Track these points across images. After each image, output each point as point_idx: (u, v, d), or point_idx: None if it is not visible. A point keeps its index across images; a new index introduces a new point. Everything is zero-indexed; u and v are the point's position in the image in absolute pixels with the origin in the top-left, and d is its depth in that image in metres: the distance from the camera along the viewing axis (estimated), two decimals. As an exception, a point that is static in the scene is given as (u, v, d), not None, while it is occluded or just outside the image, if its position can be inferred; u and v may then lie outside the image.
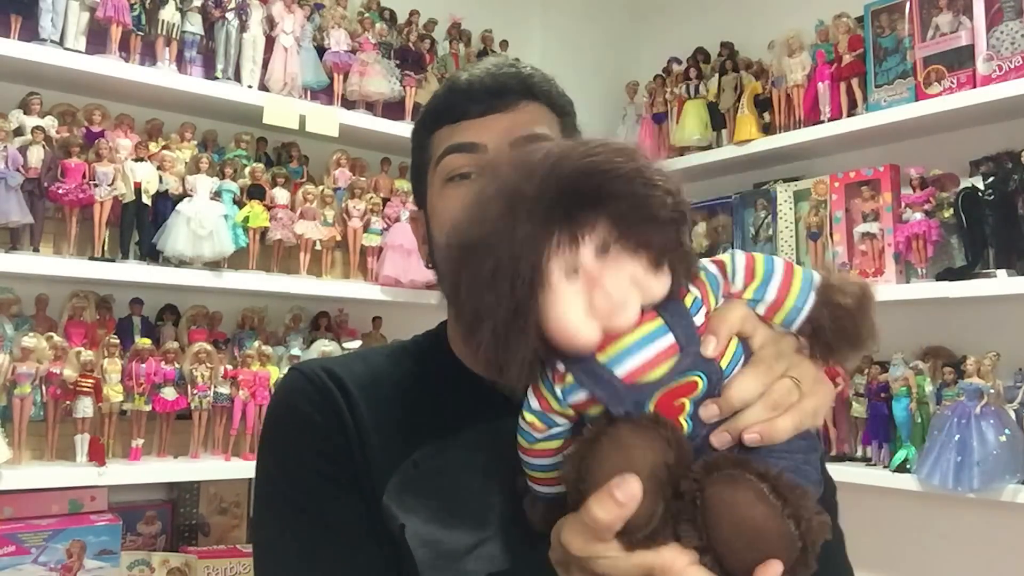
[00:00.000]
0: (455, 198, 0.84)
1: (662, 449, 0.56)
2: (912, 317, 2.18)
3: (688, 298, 0.61)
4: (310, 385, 0.86)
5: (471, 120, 0.85)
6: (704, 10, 2.87)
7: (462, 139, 0.84)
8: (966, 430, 1.84)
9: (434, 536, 0.77)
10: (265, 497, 0.86)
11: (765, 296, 0.62)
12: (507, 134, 0.83)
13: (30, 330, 1.81)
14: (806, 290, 0.63)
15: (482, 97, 0.84)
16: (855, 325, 0.63)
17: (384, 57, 2.34)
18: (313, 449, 0.83)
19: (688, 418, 0.59)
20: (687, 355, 0.58)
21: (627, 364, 0.58)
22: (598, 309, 0.57)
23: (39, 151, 1.80)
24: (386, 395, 0.86)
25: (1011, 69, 1.92)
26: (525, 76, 0.86)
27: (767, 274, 0.63)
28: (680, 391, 0.59)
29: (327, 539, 0.80)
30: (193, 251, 1.92)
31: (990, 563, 2.04)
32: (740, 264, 0.63)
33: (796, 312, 0.63)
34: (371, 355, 0.94)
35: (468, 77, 0.86)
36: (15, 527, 1.72)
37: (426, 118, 0.90)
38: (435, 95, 0.90)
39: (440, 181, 0.86)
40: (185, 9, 2.03)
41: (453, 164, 0.84)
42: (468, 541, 0.77)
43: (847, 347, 0.64)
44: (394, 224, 2.29)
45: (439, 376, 0.89)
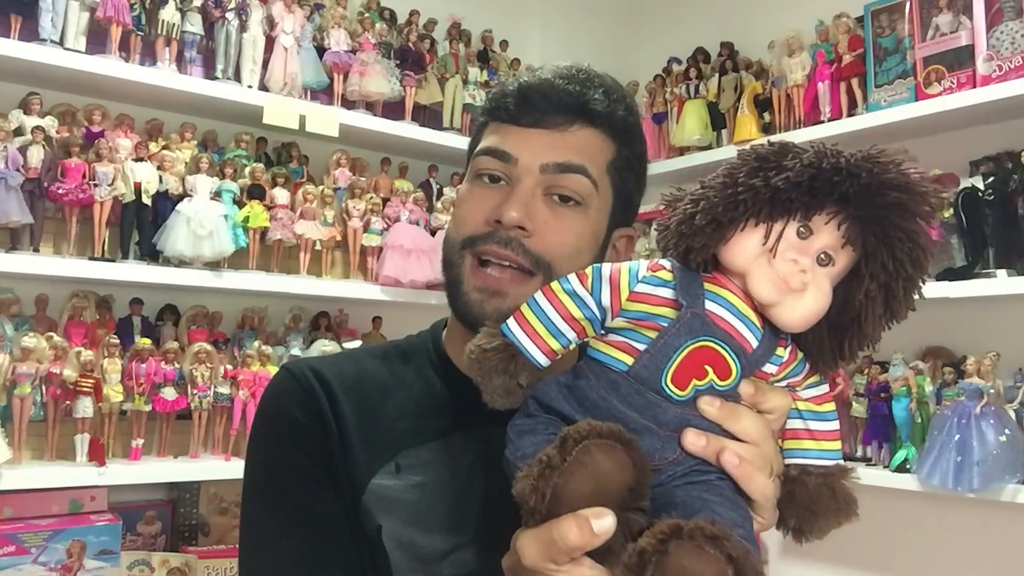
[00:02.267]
0: (475, 198, 0.84)
1: (629, 472, 0.57)
2: (912, 317, 2.18)
3: (780, 349, 0.63)
4: (296, 385, 0.86)
5: (515, 127, 0.84)
6: (704, 10, 2.87)
7: (498, 144, 0.84)
8: (966, 430, 1.84)
9: (410, 539, 0.78)
10: (250, 492, 0.88)
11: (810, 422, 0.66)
12: (542, 155, 0.82)
13: (30, 330, 1.81)
14: (834, 454, 0.67)
15: (534, 106, 0.83)
16: (822, 513, 0.66)
17: (384, 57, 2.34)
18: (297, 449, 0.84)
19: (695, 389, 0.61)
20: (750, 357, 0.61)
21: (718, 310, 0.61)
22: (772, 264, 0.60)
23: (39, 151, 1.80)
24: (371, 396, 0.86)
25: (1011, 69, 1.92)
26: (588, 98, 0.84)
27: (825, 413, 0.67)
28: (718, 362, 0.61)
29: (305, 536, 0.81)
30: (193, 251, 1.92)
31: (990, 563, 2.04)
32: (824, 387, 0.67)
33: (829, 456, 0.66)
34: (362, 355, 0.94)
35: (529, 81, 0.85)
36: (15, 527, 1.72)
37: (487, 105, 0.90)
38: (497, 88, 0.90)
39: (473, 172, 0.86)
40: (185, 9, 2.03)
41: (483, 163, 0.84)
42: (444, 546, 0.78)
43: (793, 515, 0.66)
44: (394, 224, 2.28)
45: (428, 378, 0.89)
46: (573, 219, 0.83)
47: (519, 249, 0.80)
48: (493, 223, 0.81)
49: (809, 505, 0.65)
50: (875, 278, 0.60)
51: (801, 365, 0.65)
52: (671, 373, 0.60)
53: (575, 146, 0.83)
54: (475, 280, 0.82)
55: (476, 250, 0.82)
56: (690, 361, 0.60)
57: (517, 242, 0.80)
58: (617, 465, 0.56)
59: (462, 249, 0.83)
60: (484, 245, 0.81)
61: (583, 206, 0.83)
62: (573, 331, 0.65)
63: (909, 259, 0.59)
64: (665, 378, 0.60)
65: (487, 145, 0.85)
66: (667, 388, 0.60)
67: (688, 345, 0.60)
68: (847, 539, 0.91)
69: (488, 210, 0.82)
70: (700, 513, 0.57)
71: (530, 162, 0.82)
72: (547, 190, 0.82)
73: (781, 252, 0.60)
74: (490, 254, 0.81)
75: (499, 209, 0.80)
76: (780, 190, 0.59)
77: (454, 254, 0.84)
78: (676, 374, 0.60)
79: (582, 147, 0.83)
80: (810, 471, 0.65)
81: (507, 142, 0.83)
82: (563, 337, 0.65)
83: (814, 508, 0.65)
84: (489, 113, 0.88)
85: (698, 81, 2.62)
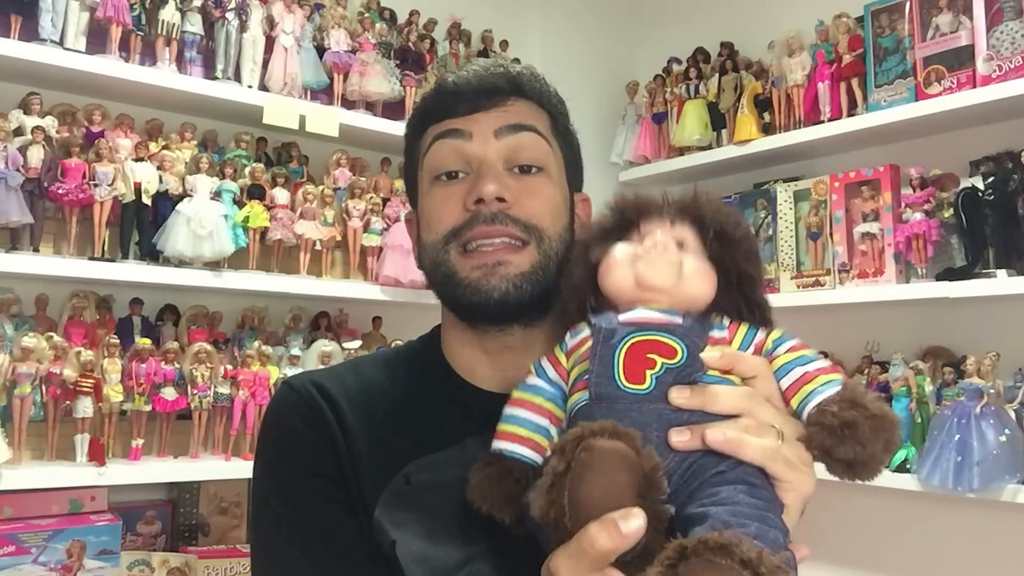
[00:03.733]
0: (442, 197, 0.84)
1: (636, 461, 0.57)
2: (912, 317, 2.19)
3: (716, 319, 0.68)
4: (300, 401, 0.85)
5: (458, 118, 0.84)
6: (704, 10, 2.87)
7: (447, 127, 0.84)
8: (966, 430, 1.84)
9: (425, 553, 0.77)
10: (260, 512, 0.87)
11: (792, 369, 0.66)
12: (493, 125, 0.83)
13: (30, 330, 1.81)
14: (836, 382, 0.65)
15: (469, 96, 0.84)
16: (861, 440, 0.61)
17: (384, 57, 2.34)
18: (304, 466, 0.83)
19: (654, 377, 0.62)
20: (679, 329, 0.64)
21: (631, 316, 0.65)
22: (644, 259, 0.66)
23: (39, 151, 1.80)
24: (377, 407, 0.85)
25: (1011, 69, 1.92)
26: (514, 75, 0.86)
27: (807, 356, 0.67)
28: (658, 348, 0.63)
29: (319, 555, 0.80)
30: (193, 251, 1.92)
31: (990, 563, 2.04)
32: (789, 338, 0.68)
33: (816, 394, 0.64)
34: (363, 365, 0.93)
35: (455, 78, 0.86)
36: (15, 527, 1.72)
37: (414, 119, 0.90)
38: (423, 97, 0.90)
39: (428, 179, 0.86)
40: (185, 9, 2.03)
41: (438, 156, 0.84)
42: (458, 557, 0.77)
43: (843, 461, 0.62)
44: (394, 224, 2.28)
45: (430, 384, 0.88)
46: (541, 184, 0.84)
47: (507, 220, 0.81)
48: (472, 206, 0.81)
49: (844, 429, 0.61)
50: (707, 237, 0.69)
51: (754, 329, 0.68)
52: (621, 373, 0.62)
53: (520, 114, 0.85)
54: (471, 262, 0.81)
55: (462, 239, 0.82)
56: (632, 357, 0.63)
57: (503, 215, 0.81)
58: (620, 455, 0.56)
59: (446, 244, 0.83)
60: (470, 230, 0.81)
61: (544, 171, 0.84)
62: (545, 419, 0.70)
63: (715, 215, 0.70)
64: (619, 379, 0.62)
65: (439, 131, 0.85)
66: (626, 387, 0.62)
67: (621, 346, 0.63)
68: (847, 539, 0.91)
69: (459, 200, 0.82)
70: (708, 522, 0.56)
71: (484, 131, 0.83)
72: (508, 164, 0.83)
73: (638, 252, 0.67)
74: (479, 236, 0.81)
75: (474, 190, 0.81)
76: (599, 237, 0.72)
77: (438, 253, 0.84)
78: (627, 372, 0.62)
79: (525, 114, 0.86)
80: (824, 406, 0.63)
81: (456, 125, 0.84)
82: (542, 430, 0.70)
83: (853, 432, 0.61)
84: (421, 122, 0.88)
85: (698, 81, 2.62)
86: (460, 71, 0.87)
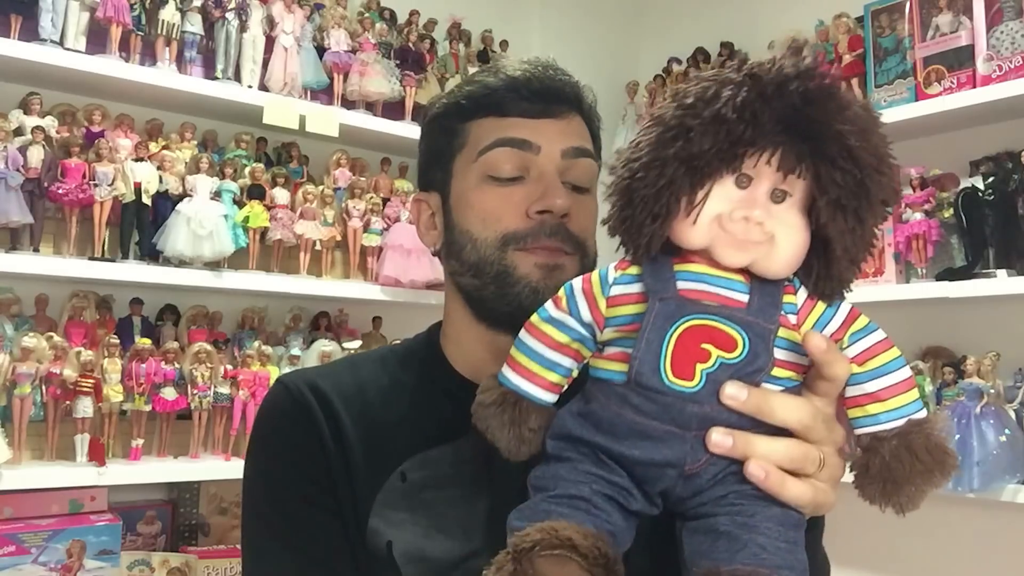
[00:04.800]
0: (498, 198, 0.82)
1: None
2: (912, 317, 2.19)
3: (788, 296, 0.58)
4: (292, 403, 0.85)
5: (524, 119, 0.83)
6: (704, 10, 2.87)
7: (516, 134, 0.82)
8: (966, 430, 1.84)
9: (421, 551, 0.77)
10: (249, 514, 0.87)
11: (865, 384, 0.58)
12: (559, 142, 0.82)
13: (30, 330, 1.81)
14: (902, 411, 0.58)
15: (538, 98, 0.83)
16: (906, 479, 0.57)
17: (384, 57, 2.34)
18: (293, 467, 0.83)
19: (704, 374, 0.55)
20: (747, 314, 0.56)
21: (692, 285, 0.57)
22: (726, 229, 0.56)
23: (39, 151, 1.79)
24: (371, 405, 0.85)
25: (1011, 69, 1.92)
26: (579, 88, 0.87)
27: (886, 365, 0.58)
28: (716, 337, 0.55)
29: (305, 562, 0.80)
30: (193, 251, 1.92)
31: (990, 563, 2.04)
32: (869, 332, 0.59)
33: (875, 422, 0.58)
34: (361, 362, 0.93)
35: (523, 73, 0.84)
36: (15, 527, 1.71)
37: (467, 103, 0.85)
38: (483, 83, 0.85)
39: (480, 174, 0.83)
40: (185, 9, 2.03)
41: (499, 160, 0.82)
42: (455, 555, 0.77)
43: (876, 489, 0.58)
44: (394, 224, 2.28)
45: (427, 382, 0.88)
46: (591, 204, 0.85)
47: (566, 235, 0.81)
48: (535, 215, 0.80)
49: (887, 475, 0.57)
50: (827, 193, 0.56)
51: (832, 309, 0.59)
52: (668, 365, 0.55)
53: (578, 133, 0.85)
54: (533, 259, 0.80)
55: (525, 245, 0.81)
56: (683, 346, 0.55)
57: (563, 228, 0.81)
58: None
59: (504, 245, 0.81)
60: (535, 241, 0.80)
61: (591, 191, 0.85)
62: (568, 357, 0.62)
63: (856, 165, 0.55)
64: (664, 372, 0.55)
65: (502, 136, 0.82)
66: (671, 383, 0.55)
67: (673, 331, 0.55)
68: (847, 539, 0.90)
69: (519, 204, 0.81)
70: (743, 551, 0.53)
71: (551, 149, 0.82)
72: (562, 178, 0.83)
73: (728, 214, 0.56)
74: (544, 248, 0.80)
75: (543, 200, 0.80)
76: (696, 156, 0.55)
77: (491, 252, 0.81)
78: (675, 364, 0.55)
79: (583, 134, 0.86)
80: (881, 436, 0.58)
81: (523, 132, 0.82)
82: (559, 367, 0.63)
83: (894, 477, 0.57)
84: (477, 109, 0.85)
85: (698, 81, 2.62)
86: (521, 64, 0.85)
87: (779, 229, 0.56)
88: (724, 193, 0.56)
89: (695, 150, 0.55)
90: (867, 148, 0.55)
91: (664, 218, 0.57)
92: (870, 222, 0.57)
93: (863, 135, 0.55)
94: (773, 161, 0.55)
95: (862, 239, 0.58)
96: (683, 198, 0.56)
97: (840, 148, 0.54)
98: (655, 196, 0.56)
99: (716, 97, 0.55)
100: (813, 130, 0.54)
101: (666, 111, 0.57)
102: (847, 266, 0.58)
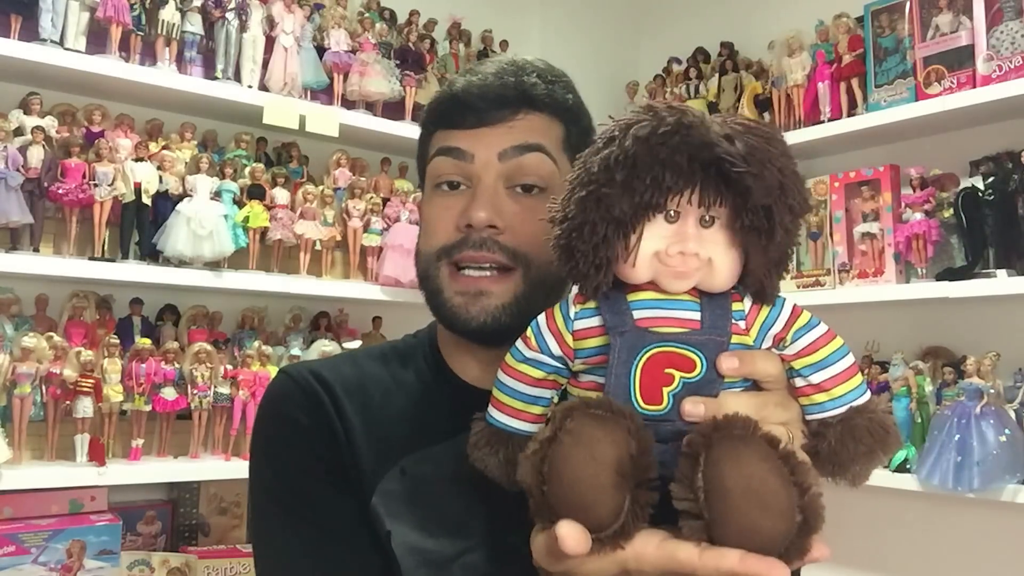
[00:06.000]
0: (439, 208, 0.84)
1: (624, 441, 0.56)
2: (912, 317, 2.19)
3: (736, 304, 0.63)
4: (297, 388, 0.85)
5: (462, 130, 0.84)
6: (704, 10, 2.87)
7: (452, 143, 0.84)
8: (966, 430, 1.84)
9: (419, 544, 0.78)
10: (260, 502, 0.86)
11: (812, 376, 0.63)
12: (496, 146, 0.82)
13: (30, 330, 1.81)
14: (861, 389, 0.63)
15: (475, 108, 0.83)
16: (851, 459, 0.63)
17: (384, 57, 2.34)
18: (304, 453, 0.83)
19: (671, 396, 0.60)
20: (702, 334, 0.60)
21: (647, 313, 0.61)
22: (665, 264, 0.61)
23: (39, 151, 1.80)
24: (373, 398, 0.86)
25: (1011, 69, 1.92)
26: (527, 86, 0.84)
27: (826, 358, 0.63)
28: (676, 361, 0.60)
29: (324, 542, 0.80)
30: (193, 251, 1.92)
31: (990, 563, 2.04)
32: (810, 328, 0.63)
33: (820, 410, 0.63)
34: (360, 357, 0.93)
35: (463, 84, 0.85)
36: (15, 527, 1.72)
37: (426, 118, 0.90)
38: (435, 97, 0.89)
39: (430, 184, 0.86)
40: (185, 9, 2.03)
41: (440, 168, 0.84)
42: (452, 550, 0.77)
43: (826, 470, 0.63)
44: (394, 224, 2.29)
45: (427, 379, 0.88)
46: (539, 207, 0.80)
47: (495, 247, 0.80)
48: (464, 228, 0.81)
49: (834, 458, 0.63)
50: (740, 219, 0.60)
51: (775, 310, 0.63)
52: (638, 394, 0.60)
53: (525, 130, 0.83)
54: (455, 285, 0.82)
55: (452, 258, 0.82)
56: (649, 375, 0.60)
57: (491, 241, 0.80)
58: (608, 433, 0.56)
59: (438, 260, 0.83)
60: (459, 252, 0.81)
61: (546, 191, 0.82)
62: (547, 389, 0.66)
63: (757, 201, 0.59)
64: (636, 401, 0.60)
65: (440, 146, 0.84)
66: (644, 409, 0.60)
67: (637, 361, 0.60)
68: (847, 539, 0.91)
69: (455, 216, 0.82)
70: None
71: (487, 156, 0.82)
72: (508, 182, 0.82)
73: (664, 251, 0.60)
74: (467, 260, 0.81)
75: (467, 213, 0.80)
76: (620, 216, 0.60)
77: (430, 266, 0.84)
78: (643, 392, 0.60)
79: (533, 129, 0.83)
80: (828, 423, 0.63)
81: (459, 141, 0.83)
82: (541, 399, 0.67)
83: (840, 460, 0.63)
84: (432, 123, 0.87)
85: (698, 81, 2.63)
86: (470, 75, 0.85)
87: (714, 251, 0.61)
88: (656, 231, 0.61)
89: (616, 213, 0.60)
90: (763, 182, 0.58)
91: (606, 267, 0.61)
92: (780, 235, 0.60)
93: (759, 174, 0.58)
94: (693, 200, 0.60)
95: (778, 248, 0.61)
96: (618, 246, 0.61)
97: (741, 187, 0.58)
98: (593, 251, 0.61)
99: (617, 163, 0.59)
100: (720, 169, 0.59)
101: (583, 174, 0.62)
102: (768, 272, 0.62)
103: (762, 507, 0.53)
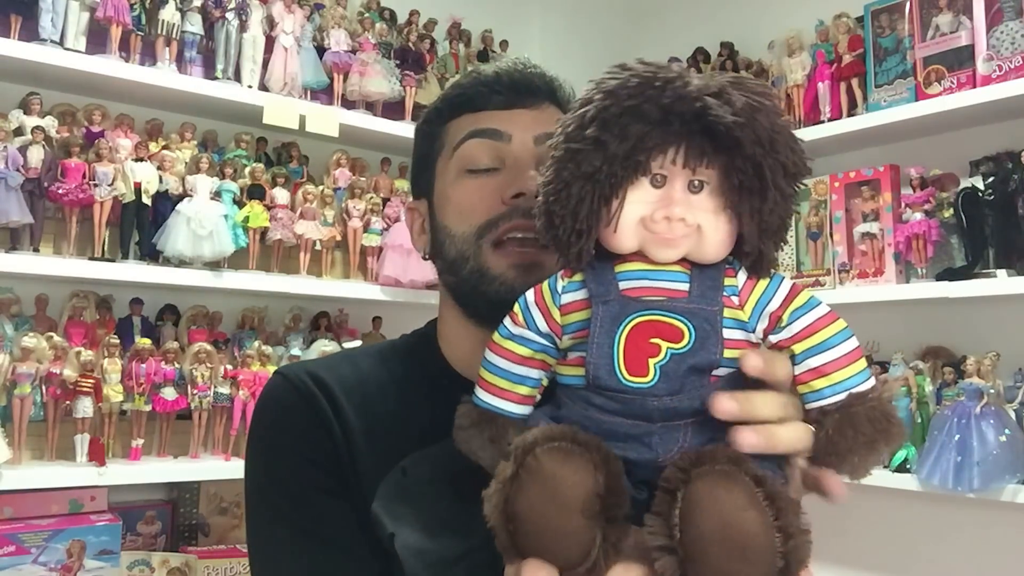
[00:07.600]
0: (474, 189, 0.83)
1: (591, 478, 0.53)
2: (912, 317, 2.19)
3: (730, 279, 0.59)
4: (294, 390, 0.84)
5: (496, 111, 0.85)
6: (704, 10, 2.87)
7: (488, 125, 0.84)
8: (966, 430, 1.84)
9: (423, 546, 0.77)
10: (255, 505, 0.86)
11: (809, 360, 0.59)
12: (531, 129, 0.83)
13: (30, 330, 1.81)
14: (846, 384, 0.59)
15: (510, 89, 0.85)
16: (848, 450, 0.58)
17: (384, 57, 2.34)
18: (300, 456, 0.82)
19: (658, 367, 0.56)
20: (689, 302, 0.57)
21: (633, 283, 0.59)
22: (652, 230, 0.58)
23: (39, 151, 1.80)
24: (372, 398, 0.85)
25: (1011, 69, 1.92)
26: (551, 79, 0.88)
27: (826, 341, 0.59)
28: (662, 330, 0.56)
29: (318, 545, 0.80)
30: (193, 251, 1.92)
31: (990, 563, 2.04)
32: (809, 308, 0.60)
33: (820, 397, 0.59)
34: (358, 356, 0.93)
35: (495, 69, 0.87)
36: (15, 527, 1.72)
37: (443, 106, 0.89)
38: (457, 84, 0.89)
39: (457, 169, 0.85)
40: (185, 9, 2.03)
41: (473, 152, 0.84)
42: (456, 550, 0.77)
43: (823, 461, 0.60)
44: (394, 224, 2.29)
45: (426, 378, 0.88)
46: None
47: None
48: (509, 200, 0.80)
49: (831, 448, 0.58)
50: (730, 179, 0.57)
51: (772, 287, 0.60)
52: (622, 364, 0.56)
53: (551, 121, 0.83)
54: (507, 259, 0.80)
55: (499, 231, 0.81)
56: (633, 344, 0.56)
57: None
58: (573, 472, 0.53)
59: (479, 239, 0.82)
60: (508, 222, 0.80)
61: None
62: (535, 369, 0.64)
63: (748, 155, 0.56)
64: (619, 372, 0.56)
65: (473, 129, 0.84)
66: (628, 381, 0.56)
67: (620, 331, 0.57)
68: (847, 539, 0.90)
69: (495, 192, 0.81)
70: None
71: (524, 137, 0.83)
72: (538, 167, 0.82)
73: (650, 216, 0.57)
74: (519, 228, 0.80)
75: (514, 184, 0.80)
76: (594, 173, 0.57)
77: (468, 247, 0.82)
78: (628, 362, 0.56)
79: None
80: (827, 410, 0.59)
81: (493, 122, 0.84)
82: (528, 380, 0.64)
83: (837, 450, 0.58)
84: (453, 110, 0.87)
85: (698, 81, 2.62)
86: (496, 64, 0.88)
87: (703, 218, 0.58)
88: (641, 196, 0.58)
89: (590, 169, 0.57)
90: (753, 133, 0.56)
91: (587, 232, 0.59)
92: (773, 196, 0.58)
93: (749, 125, 0.56)
94: (678, 159, 0.57)
95: (772, 212, 0.58)
96: (601, 210, 0.58)
97: (731, 141, 0.56)
98: (572, 215, 0.59)
99: (590, 120, 0.57)
100: (705, 124, 0.56)
101: (559, 136, 0.60)
102: (763, 240, 0.59)
103: (740, 555, 0.50)
